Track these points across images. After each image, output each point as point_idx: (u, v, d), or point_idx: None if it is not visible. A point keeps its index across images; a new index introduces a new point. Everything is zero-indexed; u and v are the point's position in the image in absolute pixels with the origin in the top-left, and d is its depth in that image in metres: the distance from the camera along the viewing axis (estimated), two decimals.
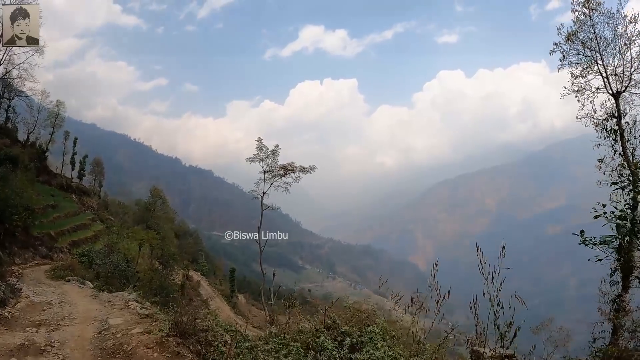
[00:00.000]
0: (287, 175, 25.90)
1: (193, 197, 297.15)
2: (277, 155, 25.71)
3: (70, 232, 38.42)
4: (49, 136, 47.93)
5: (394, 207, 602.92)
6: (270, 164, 25.83)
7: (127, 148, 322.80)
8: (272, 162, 25.88)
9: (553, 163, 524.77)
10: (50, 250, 32.24)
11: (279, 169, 25.68)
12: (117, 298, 14.99)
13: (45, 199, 37.96)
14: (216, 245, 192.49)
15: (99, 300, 14.93)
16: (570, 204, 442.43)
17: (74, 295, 16.76)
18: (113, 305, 13.45)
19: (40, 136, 46.62)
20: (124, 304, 13.55)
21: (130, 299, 14.56)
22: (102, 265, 28.73)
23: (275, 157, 25.85)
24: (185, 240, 78.22)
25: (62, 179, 50.65)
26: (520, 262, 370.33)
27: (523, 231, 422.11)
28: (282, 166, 25.65)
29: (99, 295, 16.52)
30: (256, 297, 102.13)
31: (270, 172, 25.90)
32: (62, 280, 22.66)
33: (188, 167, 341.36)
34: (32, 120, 44.49)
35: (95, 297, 15.88)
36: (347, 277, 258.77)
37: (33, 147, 44.55)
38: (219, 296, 67.10)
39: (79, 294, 17.18)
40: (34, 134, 45.53)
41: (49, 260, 30.08)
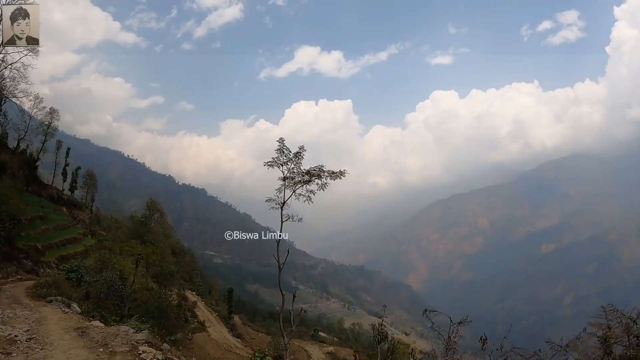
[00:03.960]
0: (312, 181, 22.48)
1: (186, 215, 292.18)
2: (301, 158, 22.33)
3: (59, 245, 35.19)
4: (41, 145, 44.80)
5: (387, 227, 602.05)
6: (291, 169, 22.40)
7: (120, 165, 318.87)
8: (295, 167, 22.45)
9: (545, 182, 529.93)
10: (36, 265, 29.13)
11: (302, 174, 22.26)
12: (118, 338, 10.43)
13: (33, 210, 34.80)
14: (209, 264, 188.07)
15: (89, 339, 10.47)
16: (564, 222, 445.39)
17: (52, 325, 12.50)
18: (113, 354, 9.24)
19: (32, 144, 43.49)
20: (129, 349, 9.45)
21: (139, 339, 10.20)
22: (93, 284, 25.26)
23: (298, 161, 22.44)
24: (182, 258, 74.38)
25: (52, 190, 47.26)
26: (515, 282, 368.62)
27: (517, 250, 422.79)
28: (306, 171, 22.22)
29: (88, 328, 11.93)
30: (251, 318, 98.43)
31: (292, 178, 22.48)
32: (43, 300, 18.96)
33: (181, 186, 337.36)
34: (23, 127, 41.50)
35: (83, 333, 11.23)
36: (341, 297, 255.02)
37: (23, 155, 41.55)
38: (216, 318, 63.32)
39: (60, 324, 12.86)
40: (25, 141, 42.49)
41: (33, 276, 26.92)
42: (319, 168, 21.68)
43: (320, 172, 21.79)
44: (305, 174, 22.08)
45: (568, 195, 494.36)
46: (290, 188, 22.21)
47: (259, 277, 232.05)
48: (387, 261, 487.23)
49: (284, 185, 22.37)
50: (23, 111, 40.62)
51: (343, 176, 21.90)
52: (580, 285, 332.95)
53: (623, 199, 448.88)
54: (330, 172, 21.71)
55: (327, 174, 21.72)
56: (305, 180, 22.09)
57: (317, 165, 21.68)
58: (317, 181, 22.15)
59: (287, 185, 22.33)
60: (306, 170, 22.09)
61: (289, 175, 22.10)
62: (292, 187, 22.15)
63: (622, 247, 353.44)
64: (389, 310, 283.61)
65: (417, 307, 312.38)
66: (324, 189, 22.15)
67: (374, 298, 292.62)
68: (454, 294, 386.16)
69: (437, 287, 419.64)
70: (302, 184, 22.10)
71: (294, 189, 22.20)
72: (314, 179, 22.08)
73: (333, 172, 21.68)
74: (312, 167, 21.77)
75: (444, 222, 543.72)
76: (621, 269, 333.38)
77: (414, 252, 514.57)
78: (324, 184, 22.10)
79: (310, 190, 22.26)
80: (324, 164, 21.97)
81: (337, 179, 22.21)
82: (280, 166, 22.02)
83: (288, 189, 22.58)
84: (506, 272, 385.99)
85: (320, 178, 21.98)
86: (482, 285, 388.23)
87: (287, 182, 22.14)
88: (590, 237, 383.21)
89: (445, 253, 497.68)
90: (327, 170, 21.63)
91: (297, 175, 22.07)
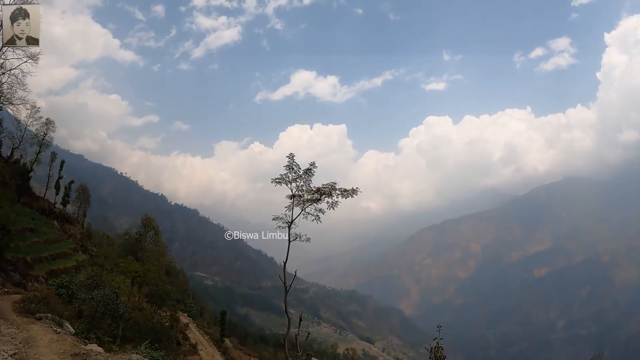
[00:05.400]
0: (322, 200, 21.32)
1: (177, 236, 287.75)
2: (311, 175, 21.26)
3: (48, 259, 33.72)
4: (35, 155, 43.60)
5: (379, 252, 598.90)
6: (300, 186, 21.25)
7: (112, 182, 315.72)
8: (305, 184, 21.34)
9: (537, 206, 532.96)
10: (24, 278, 27.63)
11: (313, 192, 21.13)
12: None
13: (24, 221, 33.32)
14: (199, 286, 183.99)
15: None
16: (556, 246, 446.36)
17: (43, 348, 10.97)
18: None
19: (26, 154, 42.29)
20: None
21: None
22: (87, 301, 23.73)
23: (308, 178, 21.33)
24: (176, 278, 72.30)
25: (44, 202, 45.81)
26: (508, 306, 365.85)
27: (509, 275, 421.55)
28: (317, 189, 21.10)
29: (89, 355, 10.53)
30: (242, 341, 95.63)
31: (300, 196, 21.30)
32: (31, 316, 17.38)
33: (173, 205, 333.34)
34: (18, 136, 40.30)
35: None
36: (332, 322, 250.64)
37: (16, 164, 40.27)
38: (208, 340, 61.12)
39: (53, 348, 11.25)
40: (19, 151, 41.23)
41: (21, 290, 25.30)
42: (330, 185, 20.62)
43: (331, 190, 20.71)
44: (316, 191, 21.01)
45: (560, 219, 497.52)
46: (299, 206, 21.17)
47: (250, 300, 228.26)
48: (378, 285, 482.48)
49: (292, 204, 21.32)
50: (19, 120, 39.53)
51: (355, 194, 20.87)
52: (573, 309, 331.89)
53: (615, 221, 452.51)
54: (342, 190, 20.61)
55: (339, 191, 20.64)
56: (315, 199, 21.02)
57: (328, 183, 20.69)
58: (328, 199, 21.04)
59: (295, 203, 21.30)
60: (316, 188, 21.01)
61: (298, 193, 21.07)
62: (301, 206, 21.13)
63: (615, 269, 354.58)
64: (381, 335, 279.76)
65: (409, 332, 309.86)
66: (334, 207, 21.03)
67: (366, 323, 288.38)
68: (447, 319, 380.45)
69: (429, 312, 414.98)
70: (312, 202, 21.04)
71: (303, 207, 21.16)
72: (324, 197, 20.98)
73: (345, 189, 20.54)
74: (324, 185, 20.75)
75: (436, 247, 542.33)
76: (614, 292, 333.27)
77: (406, 277, 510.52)
78: (335, 203, 20.97)
79: (319, 209, 21.20)
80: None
81: (348, 197, 21.23)
82: (289, 183, 21.01)
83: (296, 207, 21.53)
84: (499, 297, 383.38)
85: (330, 196, 20.86)
86: (475, 310, 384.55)
87: (295, 200, 21.12)
88: (583, 260, 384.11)
89: (437, 278, 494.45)
90: (340, 188, 20.52)
91: (307, 192, 21.06)
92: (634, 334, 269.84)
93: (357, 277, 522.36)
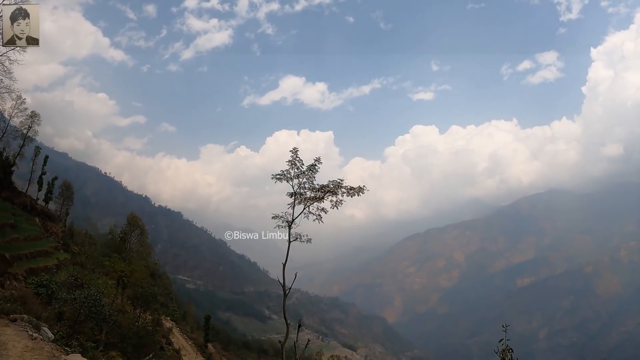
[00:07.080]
0: (325, 199, 20.01)
1: (160, 238, 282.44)
2: (315, 172, 20.00)
3: (28, 257, 31.99)
4: (19, 149, 41.61)
5: (362, 260, 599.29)
6: (302, 184, 19.94)
7: (96, 181, 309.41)
8: (307, 182, 20.06)
9: (521, 217, 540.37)
10: (1, 275, 26.22)
11: (316, 190, 19.86)
12: None
13: (4, 217, 31.60)
14: (181, 289, 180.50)
15: None
16: (539, 257, 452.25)
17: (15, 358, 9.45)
18: None
19: (9, 147, 40.28)
20: None
21: None
22: (69, 302, 22.04)
23: (312, 175, 20.03)
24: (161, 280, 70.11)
25: (26, 198, 43.66)
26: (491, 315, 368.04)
27: (493, 284, 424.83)
28: (321, 187, 19.84)
29: None
30: (225, 346, 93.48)
31: (301, 194, 20.01)
32: (5, 317, 15.56)
33: (157, 207, 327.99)
34: (1, 127, 38.38)
35: None
36: (315, 329, 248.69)
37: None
38: (191, 346, 59.44)
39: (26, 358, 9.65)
40: (2, 143, 39.32)
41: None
42: (336, 183, 19.48)
43: (336, 188, 19.54)
44: (319, 189, 19.81)
45: (544, 230, 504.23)
46: (301, 204, 19.98)
47: (232, 305, 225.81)
48: (362, 293, 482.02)
49: (294, 202, 20.11)
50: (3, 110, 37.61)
51: (362, 193, 19.74)
52: (555, 319, 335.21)
53: (597, 233, 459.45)
54: (348, 189, 19.44)
55: (345, 190, 19.47)
56: (318, 197, 19.82)
57: (333, 180, 19.56)
58: (331, 198, 19.85)
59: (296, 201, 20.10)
60: (320, 185, 19.81)
61: (299, 190, 19.88)
62: (303, 204, 19.95)
63: (597, 280, 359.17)
64: (364, 343, 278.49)
65: (392, 340, 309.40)
66: (338, 206, 19.83)
67: (349, 330, 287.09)
68: (430, 328, 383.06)
69: (413, 321, 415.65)
70: (315, 200, 19.84)
71: (305, 205, 19.96)
72: (328, 196, 19.80)
73: (352, 187, 19.28)
74: (330, 181, 19.62)
75: (420, 256, 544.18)
76: (596, 302, 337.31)
77: (389, 285, 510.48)
78: (339, 201, 19.78)
79: (321, 209, 19.97)
80: None
81: (354, 196, 20.11)
82: (290, 180, 19.78)
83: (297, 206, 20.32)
84: (482, 306, 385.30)
85: (335, 195, 19.68)
86: (458, 319, 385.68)
87: (296, 198, 19.91)
88: (565, 271, 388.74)
89: (420, 286, 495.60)
90: (346, 186, 19.35)
91: (309, 190, 19.88)
92: (616, 344, 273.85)
93: (341, 285, 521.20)
